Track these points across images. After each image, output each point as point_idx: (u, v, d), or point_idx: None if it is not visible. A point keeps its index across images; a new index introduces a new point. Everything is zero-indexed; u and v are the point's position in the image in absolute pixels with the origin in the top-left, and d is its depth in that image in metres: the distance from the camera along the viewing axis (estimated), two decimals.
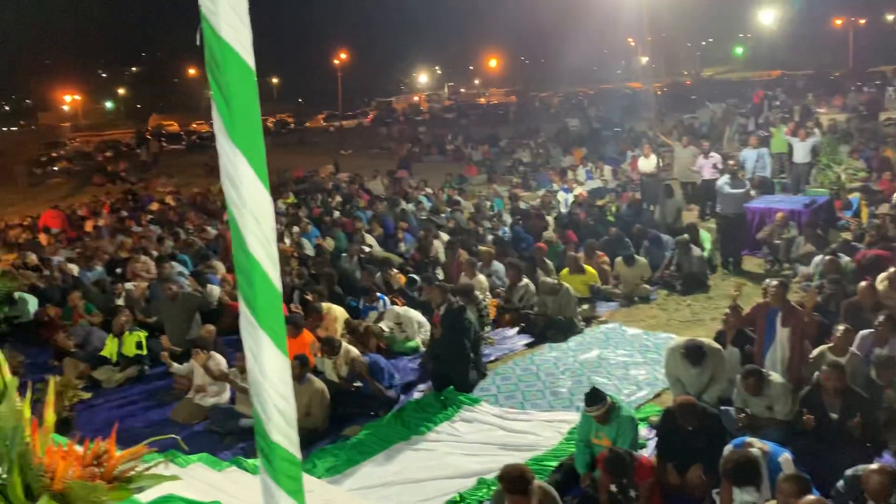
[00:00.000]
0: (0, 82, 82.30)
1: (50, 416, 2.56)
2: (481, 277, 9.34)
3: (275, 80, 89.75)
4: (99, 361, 8.55)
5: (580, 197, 14.02)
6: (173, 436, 3.05)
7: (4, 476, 2.48)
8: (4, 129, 69.62)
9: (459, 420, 6.67)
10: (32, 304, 10.61)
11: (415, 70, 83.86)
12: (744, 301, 7.17)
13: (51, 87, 78.00)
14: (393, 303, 8.97)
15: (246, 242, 1.77)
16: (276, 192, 21.00)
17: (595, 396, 5.24)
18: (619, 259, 9.81)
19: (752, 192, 12.21)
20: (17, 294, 10.63)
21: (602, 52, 62.94)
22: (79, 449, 2.68)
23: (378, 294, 8.92)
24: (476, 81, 79.30)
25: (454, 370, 7.21)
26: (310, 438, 6.30)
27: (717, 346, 6.21)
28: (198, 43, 1.72)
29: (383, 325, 8.50)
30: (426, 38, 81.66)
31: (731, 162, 12.02)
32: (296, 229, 13.75)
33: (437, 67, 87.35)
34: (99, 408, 7.80)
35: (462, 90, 71.35)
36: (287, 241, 13.01)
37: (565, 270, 9.56)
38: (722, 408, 5.78)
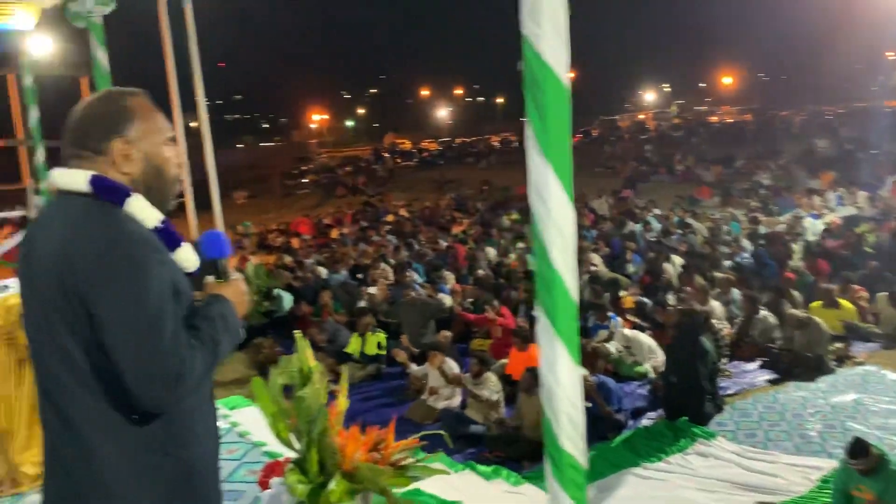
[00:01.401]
0: (262, 103, 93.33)
1: (343, 402, 2.85)
2: (715, 304, 8.88)
3: (499, 100, 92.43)
4: (344, 358, 9.30)
5: (832, 224, 12.80)
6: (441, 432, 3.26)
7: (303, 451, 2.79)
8: (262, 144, 78.07)
9: (693, 453, 6.36)
10: (288, 300, 11.82)
11: (641, 87, 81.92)
12: None
13: (303, 108, 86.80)
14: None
15: (549, 254, 1.86)
16: (501, 208, 21.61)
17: (860, 448, 4.74)
18: (881, 295, 8.80)
19: None
20: (275, 290, 11.90)
21: (853, 67, 57.17)
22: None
23: (609, 313, 8.80)
24: (707, 99, 75.60)
25: (688, 400, 6.91)
26: (539, 451, 6.36)
27: None
28: (519, 68, 1.84)
29: (611, 347, 8.37)
30: (654, 55, 79.60)
31: None
32: (520, 245, 14.03)
33: (664, 85, 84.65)
34: None
35: (692, 108, 68.30)
36: (512, 256, 13.32)
37: (817, 303, 8.77)
38: None
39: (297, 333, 2.89)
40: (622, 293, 9.86)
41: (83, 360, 1.54)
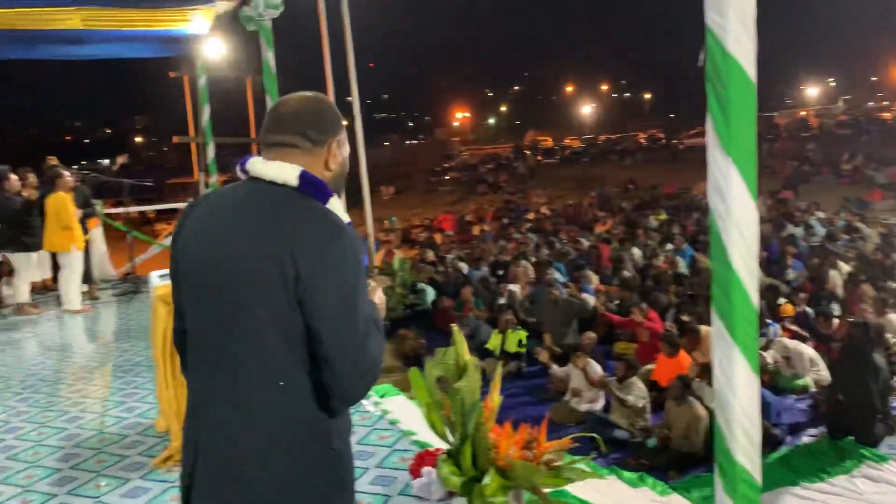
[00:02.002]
0: (408, 102, 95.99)
1: (496, 398, 2.85)
2: (893, 318, 8.14)
3: (647, 96, 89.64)
4: (484, 354, 9.35)
5: None
6: (591, 435, 3.20)
7: (456, 444, 2.82)
8: (407, 142, 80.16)
9: (861, 476, 5.85)
10: (430, 294, 12.06)
11: (802, 82, 76.54)
12: None
13: (446, 106, 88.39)
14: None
15: (728, 255, 1.76)
16: (648, 208, 20.93)
17: None
18: None
19: None
20: (419, 284, 12.18)
21: None
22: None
23: (768, 321, 8.29)
24: (879, 94, 69.36)
25: (856, 419, 6.37)
26: (686, 462, 6.14)
27: None
28: (699, 63, 1.76)
29: (768, 357, 7.88)
30: (819, 48, 74.12)
31: None
32: (669, 246, 13.53)
33: (830, 79, 78.65)
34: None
35: (862, 104, 62.84)
36: (660, 258, 12.86)
37: None
38: None
39: (454, 327, 2.93)
40: (781, 300, 9.26)
41: (278, 347, 1.56)
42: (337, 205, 1.67)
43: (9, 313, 8.32)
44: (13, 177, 8.22)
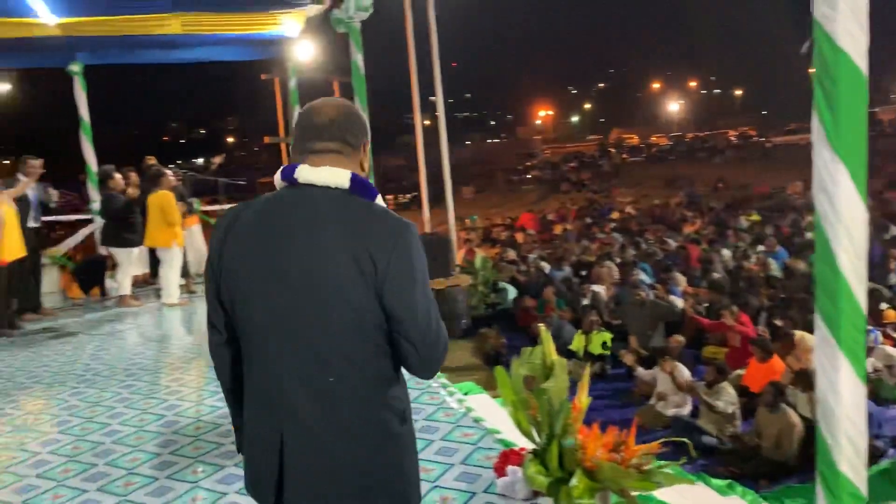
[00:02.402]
0: (490, 101, 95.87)
1: (584, 398, 2.83)
2: None
3: (737, 92, 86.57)
4: (567, 355, 9.25)
5: None
6: (682, 440, 3.13)
7: (543, 444, 2.81)
8: (489, 141, 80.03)
9: None
10: (511, 293, 12.02)
11: None
12: None
13: (528, 105, 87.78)
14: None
15: (835, 258, 1.68)
16: (738, 208, 20.22)
17: None
18: None
19: None
20: (500, 283, 12.17)
21: None
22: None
23: (868, 327, 7.87)
24: None
25: None
26: (777, 472, 5.91)
27: None
28: (802, 52, 1.69)
29: (868, 365, 7.49)
30: None
31: None
32: (760, 248, 13.04)
33: None
34: None
35: None
36: (752, 259, 12.42)
37: None
38: None
39: (541, 327, 2.91)
40: (883, 305, 8.77)
41: (355, 338, 1.64)
42: (381, 202, 1.76)
43: (112, 305, 8.80)
44: (117, 176, 8.67)
